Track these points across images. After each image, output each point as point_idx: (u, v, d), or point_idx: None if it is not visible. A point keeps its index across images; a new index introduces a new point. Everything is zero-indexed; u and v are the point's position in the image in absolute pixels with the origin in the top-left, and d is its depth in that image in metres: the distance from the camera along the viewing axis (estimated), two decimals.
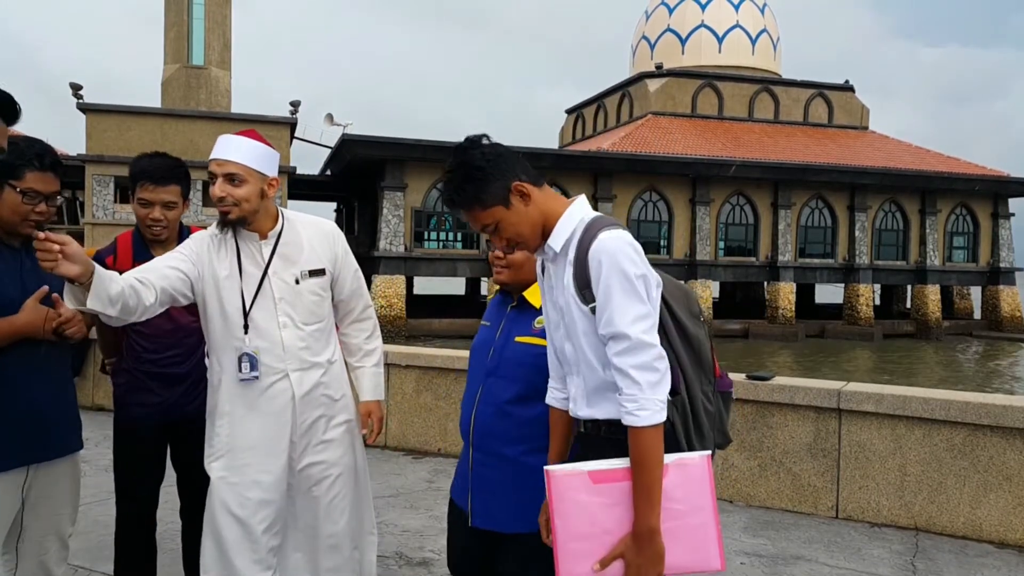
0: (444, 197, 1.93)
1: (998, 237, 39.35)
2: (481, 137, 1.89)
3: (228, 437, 2.53)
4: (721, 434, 2.00)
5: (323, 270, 2.62)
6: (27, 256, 2.39)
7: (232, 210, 2.45)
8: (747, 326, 35.72)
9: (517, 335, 2.23)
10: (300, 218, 2.67)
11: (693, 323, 1.91)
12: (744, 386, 4.80)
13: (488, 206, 1.84)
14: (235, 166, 2.44)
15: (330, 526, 2.63)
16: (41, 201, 2.33)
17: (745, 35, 44.08)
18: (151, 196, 2.83)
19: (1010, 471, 4.15)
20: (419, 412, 6.00)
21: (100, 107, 30.15)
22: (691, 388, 1.87)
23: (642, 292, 1.75)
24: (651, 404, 1.70)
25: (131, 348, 2.95)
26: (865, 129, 43.85)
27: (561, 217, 1.87)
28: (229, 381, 2.53)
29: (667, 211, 35.38)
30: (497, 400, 2.20)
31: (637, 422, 1.70)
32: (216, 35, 33.31)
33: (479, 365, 2.32)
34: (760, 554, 3.98)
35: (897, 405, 4.39)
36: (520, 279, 2.25)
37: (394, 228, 31.92)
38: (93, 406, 7.21)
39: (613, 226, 1.81)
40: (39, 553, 2.46)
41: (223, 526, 2.51)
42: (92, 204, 30.01)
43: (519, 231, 1.87)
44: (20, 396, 2.32)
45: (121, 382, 2.99)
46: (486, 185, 1.82)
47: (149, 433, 2.95)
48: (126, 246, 2.93)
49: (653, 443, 1.71)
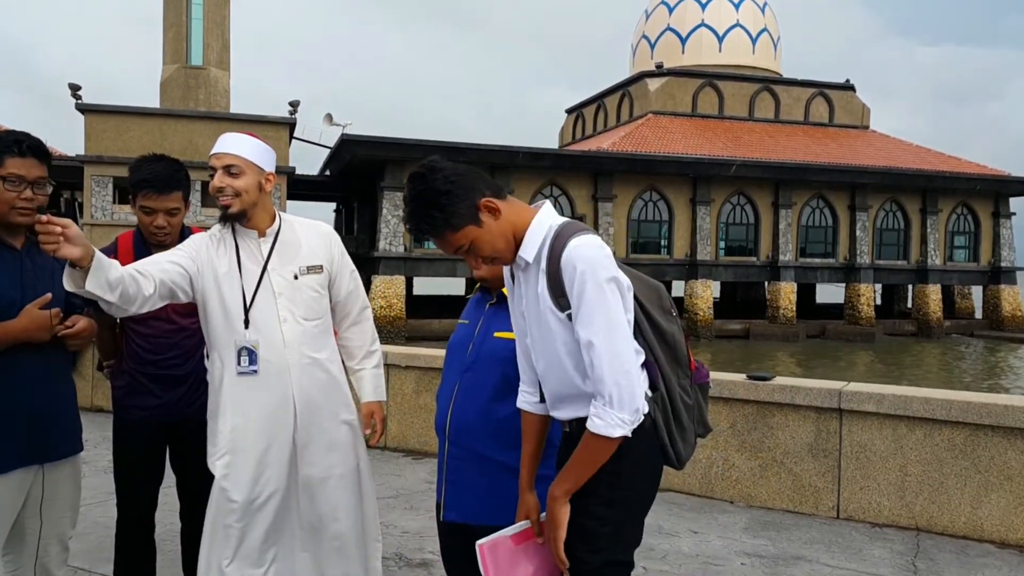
0: (411, 228, 1.90)
1: (999, 236, 39.33)
2: (436, 162, 1.88)
3: (230, 435, 2.55)
4: (702, 424, 2.05)
5: (320, 267, 2.66)
6: (27, 258, 2.38)
7: (232, 202, 2.50)
8: (748, 326, 35.71)
9: (496, 330, 2.27)
10: (297, 219, 2.73)
11: (666, 319, 1.95)
12: (745, 386, 4.79)
13: (459, 228, 1.85)
14: (233, 158, 2.51)
15: (334, 526, 2.64)
16: (26, 187, 2.31)
17: (745, 34, 44.06)
18: (155, 204, 2.82)
19: (1011, 471, 4.14)
20: (419, 413, 5.99)
21: (99, 108, 30.14)
22: (668, 383, 1.92)
23: (614, 297, 1.79)
24: (612, 419, 1.78)
25: (131, 350, 2.94)
26: (866, 128, 43.83)
27: (530, 226, 1.89)
28: (230, 378, 2.54)
29: (667, 211, 35.37)
30: (475, 396, 2.24)
31: (594, 428, 1.80)
32: (215, 35, 33.30)
33: (456, 362, 2.35)
34: (761, 554, 3.97)
35: (898, 405, 4.38)
36: (499, 273, 2.28)
37: (394, 228, 31.90)
38: (92, 407, 7.19)
39: (582, 232, 1.84)
40: (40, 555, 2.45)
41: (223, 524, 2.52)
42: (91, 205, 30.01)
43: (495, 247, 1.89)
44: (24, 398, 2.32)
45: (121, 384, 2.98)
46: (454, 207, 1.83)
47: (148, 435, 2.94)
48: (127, 246, 2.93)
49: (599, 449, 1.81)
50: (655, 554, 3.93)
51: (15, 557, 2.44)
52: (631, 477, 1.90)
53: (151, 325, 2.88)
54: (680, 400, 1.94)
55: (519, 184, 32.91)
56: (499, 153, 32.53)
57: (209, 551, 2.57)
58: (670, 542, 4.11)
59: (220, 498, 2.55)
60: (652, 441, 1.89)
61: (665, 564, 3.82)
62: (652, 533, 4.19)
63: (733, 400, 4.82)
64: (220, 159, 2.51)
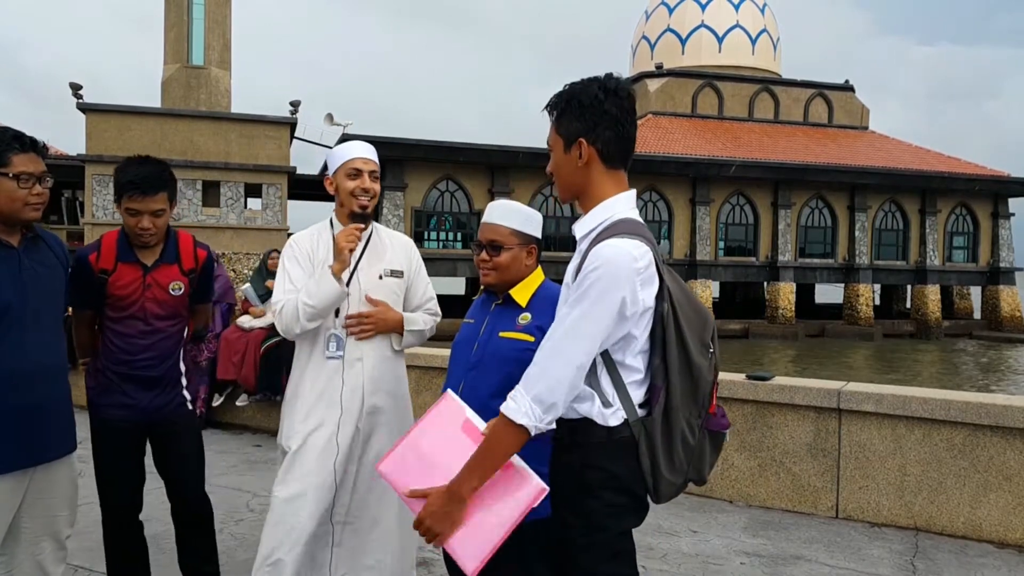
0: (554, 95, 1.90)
1: (998, 237, 39.33)
2: (621, 85, 1.84)
3: (304, 416, 2.74)
4: (697, 472, 1.90)
5: (401, 272, 2.92)
6: (25, 256, 2.38)
7: (369, 204, 2.81)
8: (747, 326, 35.70)
9: (501, 330, 2.31)
10: (384, 228, 3.03)
11: (700, 352, 1.84)
12: (744, 386, 4.80)
13: (558, 131, 1.88)
14: (374, 164, 2.83)
15: (386, 521, 2.81)
16: (35, 182, 2.32)
17: (745, 35, 44.03)
18: (139, 206, 2.83)
19: (1010, 471, 4.15)
20: (419, 412, 5.96)
21: (100, 107, 30.11)
22: (672, 413, 1.80)
23: (606, 311, 1.71)
24: (524, 404, 1.73)
25: (106, 348, 2.93)
26: (865, 129, 43.81)
27: (599, 204, 1.86)
28: (317, 361, 2.76)
29: (667, 211, 35.40)
30: (479, 394, 2.26)
31: (504, 410, 1.76)
32: (216, 35, 33.28)
33: (461, 360, 2.40)
34: (760, 554, 3.98)
35: (897, 405, 4.39)
36: (506, 279, 2.38)
37: (394, 228, 31.86)
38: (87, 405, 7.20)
39: (630, 235, 1.76)
40: (35, 553, 2.45)
41: (291, 497, 2.66)
42: (92, 204, 29.97)
43: (562, 176, 1.92)
44: (19, 397, 2.31)
45: (93, 384, 2.98)
46: (569, 115, 1.85)
47: (124, 436, 2.94)
48: (110, 245, 2.92)
49: (506, 434, 1.75)
50: (655, 553, 3.94)
51: (9, 557, 2.43)
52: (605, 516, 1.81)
53: (127, 324, 2.89)
54: (680, 435, 1.82)
55: (519, 184, 32.92)
56: (499, 153, 32.54)
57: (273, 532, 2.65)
58: (669, 541, 4.12)
59: (286, 478, 2.70)
60: (629, 459, 1.79)
61: (665, 563, 3.82)
62: (652, 532, 4.20)
63: (732, 400, 4.83)
64: (367, 164, 2.81)
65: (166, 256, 2.95)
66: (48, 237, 2.53)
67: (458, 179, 33.41)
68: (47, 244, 2.50)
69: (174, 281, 2.95)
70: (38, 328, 2.37)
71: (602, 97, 1.81)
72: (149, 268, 2.91)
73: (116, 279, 2.86)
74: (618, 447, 1.80)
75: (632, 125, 1.86)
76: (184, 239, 3.05)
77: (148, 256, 2.93)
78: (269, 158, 31.46)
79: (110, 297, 2.87)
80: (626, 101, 1.84)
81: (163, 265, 2.94)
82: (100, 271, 2.86)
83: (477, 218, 33.84)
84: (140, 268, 2.90)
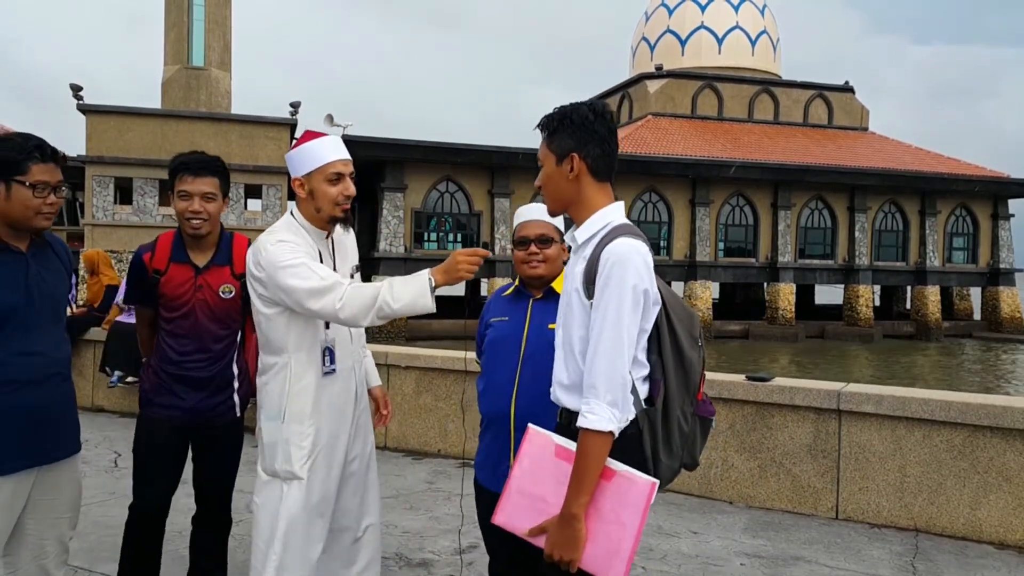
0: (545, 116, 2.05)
1: (998, 238, 39.36)
2: (606, 110, 2.01)
3: (314, 438, 2.55)
4: (690, 456, 2.06)
5: (359, 266, 2.84)
6: (32, 261, 2.38)
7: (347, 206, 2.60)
8: (747, 327, 35.73)
9: (550, 322, 2.39)
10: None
11: (690, 345, 1.98)
12: (744, 387, 4.80)
13: (549, 147, 2.01)
14: (351, 164, 2.61)
15: (364, 509, 2.79)
16: (50, 192, 2.34)
17: (745, 36, 44.06)
18: (189, 187, 2.86)
19: (1010, 472, 4.15)
20: (419, 413, 6.00)
21: (100, 108, 30.12)
22: (670, 403, 1.93)
23: (633, 303, 1.82)
24: (602, 411, 1.80)
25: (159, 347, 2.96)
26: (865, 130, 43.84)
27: (594, 214, 1.98)
28: (314, 379, 2.55)
29: (667, 212, 35.38)
30: (538, 385, 2.33)
31: (585, 424, 1.81)
32: (216, 36, 33.30)
33: (507, 356, 2.49)
34: (760, 555, 3.98)
35: (897, 406, 4.39)
36: (553, 271, 2.53)
37: (394, 229, 31.92)
38: (93, 407, 7.22)
39: (633, 235, 1.90)
40: (38, 556, 2.45)
41: (302, 523, 2.53)
42: (92, 205, 29.98)
43: (549, 190, 2.05)
44: (23, 399, 2.32)
45: (148, 382, 3.00)
46: (561, 132, 1.98)
47: (169, 436, 2.94)
48: (165, 245, 2.96)
49: (594, 445, 1.81)
50: (655, 554, 3.94)
51: (14, 558, 2.43)
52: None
53: (179, 325, 2.91)
54: (677, 424, 1.95)
55: (519, 185, 32.93)
56: (499, 154, 32.54)
57: (280, 551, 2.50)
58: (669, 542, 4.12)
59: (296, 498, 2.52)
60: (635, 452, 1.88)
61: (664, 564, 3.83)
62: (652, 533, 4.20)
63: (732, 401, 4.83)
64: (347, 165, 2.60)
65: (218, 258, 2.95)
66: (55, 242, 2.54)
67: (458, 180, 33.42)
68: (53, 250, 2.51)
69: (225, 284, 2.94)
70: (43, 331, 2.38)
71: (592, 118, 1.97)
72: (200, 270, 2.92)
73: (168, 279, 2.89)
74: (626, 442, 1.87)
75: (616, 144, 2.04)
76: (239, 241, 3.03)
77: (200, 257, 2.93)
78: (269, 159, 31.47)
79: (162, 297, 2.90)
80: (611, 123, 2.01)
81: (215, 267, 2.94)
82: (153, 271, 2.89)
83: (477, 219, 33.85)
84: (192, 269, 2.91)
